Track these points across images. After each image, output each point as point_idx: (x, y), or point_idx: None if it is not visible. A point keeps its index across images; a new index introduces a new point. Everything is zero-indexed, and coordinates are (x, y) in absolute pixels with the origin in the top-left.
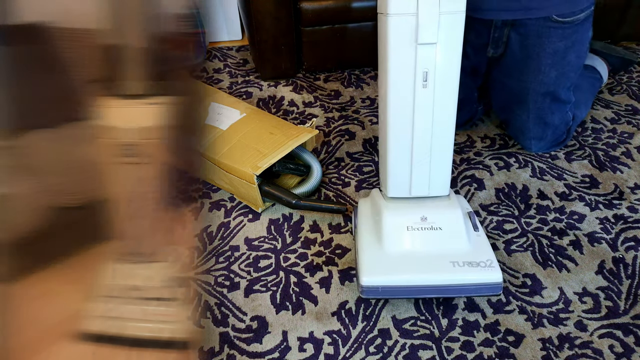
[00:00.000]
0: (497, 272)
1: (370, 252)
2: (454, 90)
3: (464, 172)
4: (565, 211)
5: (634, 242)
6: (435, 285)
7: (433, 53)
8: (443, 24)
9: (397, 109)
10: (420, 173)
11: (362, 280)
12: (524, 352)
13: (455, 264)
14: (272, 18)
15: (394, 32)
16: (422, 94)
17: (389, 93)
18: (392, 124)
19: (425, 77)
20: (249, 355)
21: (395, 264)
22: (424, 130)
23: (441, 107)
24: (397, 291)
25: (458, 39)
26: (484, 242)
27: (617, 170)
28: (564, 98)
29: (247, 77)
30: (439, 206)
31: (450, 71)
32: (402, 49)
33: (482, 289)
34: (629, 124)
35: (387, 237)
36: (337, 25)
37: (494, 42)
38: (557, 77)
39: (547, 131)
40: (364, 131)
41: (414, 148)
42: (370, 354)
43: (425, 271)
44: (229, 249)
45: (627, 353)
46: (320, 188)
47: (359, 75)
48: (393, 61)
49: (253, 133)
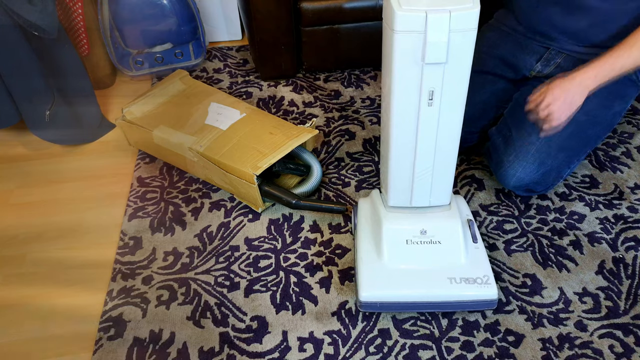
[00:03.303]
0: (492, 289)
1: (370, 265)
2: (461, 108)
3: (464, 172)
4: (565, 211)
5: (634, 242)
6: (432, 302)
7: (440, 72)
8: (453, 43)
9: (400, 125)
10: (422, 186)
11: (361, 295)
12: (524, 352)
13: (453, 280)
14: (272, 18)
15: (400, 50)
16: (426, 111)
17: (392, 108)
18: (394, 139)
19: (431, 95)
20: (249, 355)
21: (394, 280)
22: (427, 147)
23: (446, 125)
24: (396, 306)
25: (467, 58)
26: (481, 256)
27: (617, 170)
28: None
29: (247, 77)
30: (439, 218)
31: (457, 90)
32: (408, 67)
33: (478, 304)
34: (629, 124)
35: (387, 251)
36: (337, 25)
37: (545, 60)
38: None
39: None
40: (364, 131)
41: (416, 163)
42: (370, 354)
43: (423, 287)
44: (229, 249)
45: (627, 353)
46: (320, 188)
47: (359, 75)
48: (397, 78)
49: (253, 133)
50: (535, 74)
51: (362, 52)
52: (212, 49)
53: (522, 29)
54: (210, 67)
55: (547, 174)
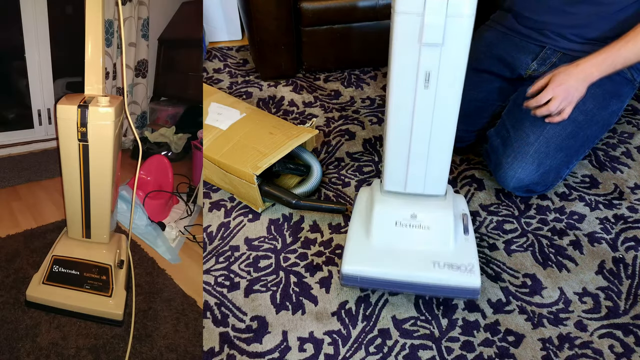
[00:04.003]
0: (475, 277)
1: (356, 241)
2: (457, 93)
3: (464, 172)
4: (565, 211)
5: (634, 242)
6: (413, 283)
7: (437, 55)
8: (450, 26)
9: (397, 106)
10: (416, 170)
11: (343, 267)
12: (524, 352)
13: (437, 264)
14: (272, 18)
15: (400, 30)
16: (423, 94)
17: (392, 89)
18: (392, 120)
19: (428, 78)
20: (249, 355)
21: (378, 257)
22: (422, 130)
23: (442, 109)
24: (376, 283)
25: (464, 43)
26: (470, 246)
27: (617, 170)
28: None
29: (247, 77)
30: (431, 206)
31: (453, 75)
32: (407, 47)
33: (459, 292)
34: (629, 124)
35: (375, 230)
36: (337, 25)
37: (541, 59)
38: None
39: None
40: (364, 131)
41: (411, 145)
42: (370, 354)
43: (406, 267)
44: (229, 249)
45: (627, 353)
46: (320, 188)
47: (359, 75)
48: (397, 58)
49: (253, 133)
50: (531, 73)
51: (362, 52)
52: (212, 49)
53: (518, 29)
54: (210, 67)
55: (546, 174)
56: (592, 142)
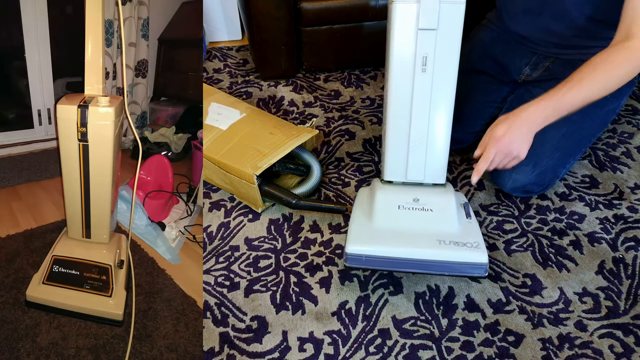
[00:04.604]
0: (483, 253)
1: (359, 224)
2: (453, 77)
3: (464, 172)
4: (565, 211)
5: (634, 242)
6: (419, 260)
7: (433, 39)
8: (443, 12)
9: (397, 92)
10: (417, 157)
11: (347, 248)
12: (524, 352)
13: (442, 242)
14: (272, 18)
15: (398, 18)
16: (421, 78)
17: (391, 76)
18: (391, 106)
19: (425, 61)
20: (249, 355)
21: (382, 236)
22: (421, 114)
23: (439, 93)
24: (381, 262)
25: (458, 28)
26: (474, 227)
27: (617, 170)
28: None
29: (247, 77)
30: (433, 191)
31: (448, 58)
32: (405, 33)
33: (467, 267)
34: (629, 124)
35: (377, 213)
36: (337, 25)
37: (533, 64)
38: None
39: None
40: (364, 131)
41: (411, 130)
42: (370, 354)
43: (411, 245)
44: (229, 249)
45: (627, 353)
46: (320, 188)
47: (359, 75)
48: (396, 45)
49: (253, 133)
50: (525, 78)
51: (362, 52)
52: (212, 49)
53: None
54: (210, 67)
55: (543, 175)
56: (590, 141)
